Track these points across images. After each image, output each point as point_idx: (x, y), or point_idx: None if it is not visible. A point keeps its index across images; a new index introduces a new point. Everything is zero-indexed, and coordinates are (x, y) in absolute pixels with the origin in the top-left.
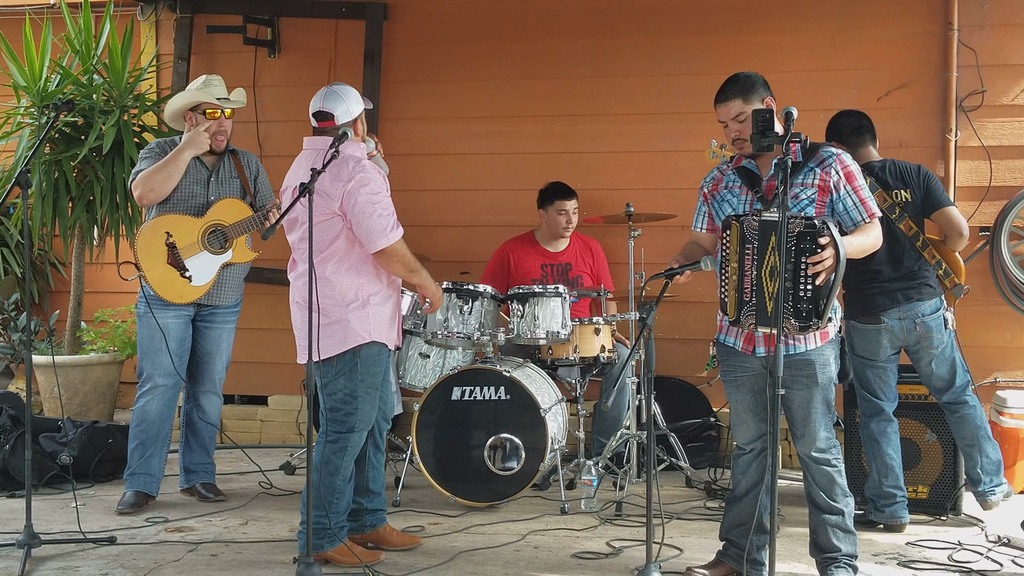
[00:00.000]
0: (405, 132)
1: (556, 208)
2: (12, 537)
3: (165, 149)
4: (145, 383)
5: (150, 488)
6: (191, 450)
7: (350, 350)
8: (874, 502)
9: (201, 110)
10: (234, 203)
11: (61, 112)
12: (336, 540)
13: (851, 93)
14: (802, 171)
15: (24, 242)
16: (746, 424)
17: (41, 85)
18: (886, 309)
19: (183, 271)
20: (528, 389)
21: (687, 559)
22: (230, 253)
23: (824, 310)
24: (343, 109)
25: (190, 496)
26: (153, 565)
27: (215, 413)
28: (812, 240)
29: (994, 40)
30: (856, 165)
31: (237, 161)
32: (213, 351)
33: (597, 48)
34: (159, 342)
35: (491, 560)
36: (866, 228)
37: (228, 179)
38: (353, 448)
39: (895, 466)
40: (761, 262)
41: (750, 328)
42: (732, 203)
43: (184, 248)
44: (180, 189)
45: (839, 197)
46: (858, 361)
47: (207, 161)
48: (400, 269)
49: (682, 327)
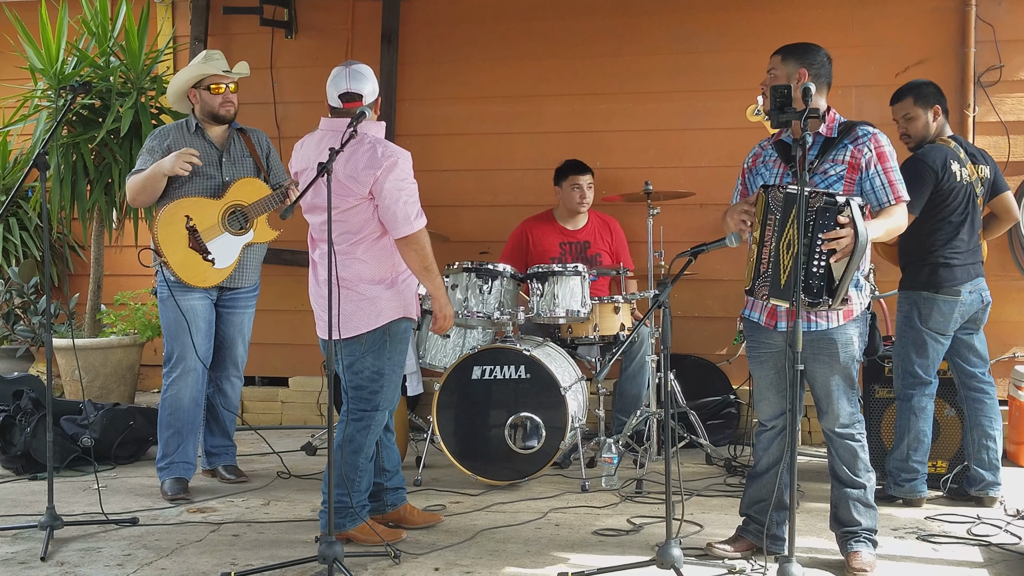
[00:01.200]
0: (424, 113)
1: (570, 183)
2: (35, 519)
3: (167, 140)
4: (176, 367)
5: (188, 474)
6: (211, 433)
7: (381, 327)
8: (894, 476)
9: (205, 86)
10: (251, 182)
11: (78, 94)
12: (358, 519)
13: (870, 70)
14: (836, 147)
15: (43, 225)
16: (768, 401)
17: (58, 68)
18: (963, 282)
19: (206, 254)
20: (548, 368)
21: (707, 535)
22: (252, 233)
23: (839, 289)
24: (370, 89)
25: (212, 478)
26: (175, 545)
27: (236, 397)
28: (831, 217)
29: (1012, 15)
30: (891, 147)
31: (247, 139)
32: (235, 336)
33: (618, 27)
34: (186, 325)
35: (512, 538)
36: (891, 210)
37: (240, 158)
38: (377, 427)
39: (926, 442)
40: (781, 234)
41: (763, 298)
42: (766, 176)
43: (205, 231)
44: (195, 172)
45: (867, 176)
46: (925, 334)
47: (216, 141)
48: (416, 261)
49: (701, 305)
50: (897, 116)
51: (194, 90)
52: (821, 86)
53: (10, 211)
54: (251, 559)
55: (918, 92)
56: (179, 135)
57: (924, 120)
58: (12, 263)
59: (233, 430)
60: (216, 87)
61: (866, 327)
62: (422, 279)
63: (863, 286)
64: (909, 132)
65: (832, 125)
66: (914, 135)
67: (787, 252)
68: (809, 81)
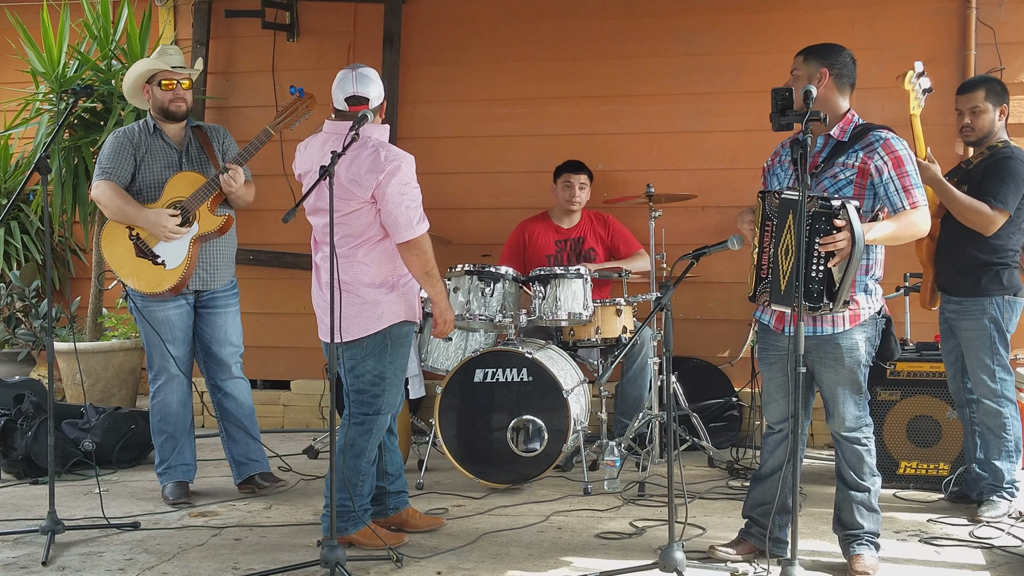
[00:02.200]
0: (426, 115)
1: (563, 181)
2: (36, 523)
3: (133, 139)
4: (159, 376)
5: (188, 476)
6: (235, 440)
7: (382, 331)
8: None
9: (156, 81)
10: (184, 176)
11: (80, 98)
12: (360, 523)
13: (871, 71)
14: (846, 151)
15: (44, 229)
16: (776, 403)
17: (59, 71)
18: None
19: (155, 259)
20: (550, 371)
21: (710, 537)
22: (196, 225)
23: (839, 293)
24: (376, 92)
25: (249, 491)
26: (177, 550)
27: (244, 396)
28: (827, 221)
29: (1012, 18)
30: (907, 151)
31: (203, 136)
32: (220, 338)
33: (620, 28)
34: (159, 336)
35: (515, 541)
36: (903, 215)
37: (198, 156)
38: (379, 431)
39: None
40: (779, 240)
41: (764, 304)
42: (780, 176)
43: (148, 236)
44: (151, 174)
45: (881, 181)
46: (1002, 340)
47: (174, 141)
48: (417, 266)
49: (703, 307)
50: (964, 107)
51: (147, 85)
52: (843, 87)
53: (11, 215)
54: (253, 563)
55: (990, 87)
56: (141, 136)
57: (991, 116)
58: (13, 267)
59: (257, 430)
60: (167, 83)
61: (875, 331)
62: (423, 284)
63: (872, 290)
64: (975, 126)
65: (847, 128)
66: (979, 130)
67: (786, 258)
68: (828, 82)
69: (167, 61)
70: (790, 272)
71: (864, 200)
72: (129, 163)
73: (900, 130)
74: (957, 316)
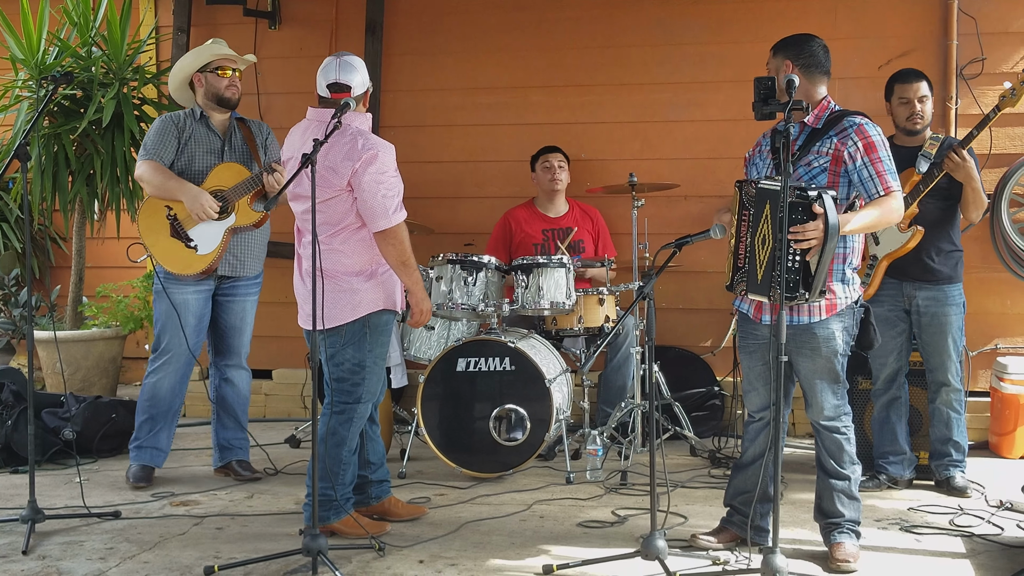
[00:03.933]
0: (408, 104)
1: (542, 164)
2: (16, 512)
3: (178, 123)
4: (161, 356)
5: (156, 462)
6: (224, 427)
7: (360, 319)
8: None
9: (212, 68)
10: (231, 167)
11: (59, 85)
12: (342, 512)
13: (853, 62)
14: (821, 139)
15: (24, 217)
16: (757, 392)
17: (39, 58)
18: None
19: (188, 241)
20: (533, 360)
21: (692, 526)
22: (233, 217)
23: (814, 282)
24: (359, 80)
25: (225, 476)
26: (158, 539)
27: (245, 386)
28: (804, 211)
29: (994, 8)
30: (881, 136)
31: (246, 129)
32: (239, 324)
33: (603, 18)
34: (177, 318)
35: (497, 530)
36: (879, 202)
37: (241, 147)
38: (359, 419)
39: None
40: (755, 230)
41: (741, 294)
42: (759, 166)
43: (186, 218)
44: (193, 160)
45: (855, 167)
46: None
47: (219, 129)
48: (393, 255)
49: (686, 297)
50: (911, 95)
51: (199, 74)
52: (814, 76)
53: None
54: (235, 552)
55: (926, 76)
56: (187, 121)
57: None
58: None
59: (246, 421)
60: (223, 71)
61: (853, 321)
62: (399, 273)
63: (850, 279)
64: (923, 113)
65: (821, 115)
66: (926, 117)
67: (763, 247)
68: (794, 73)
69: (225, 49)
70: (767, 262)
71: (840, 188)
72: (172, 145)
73: (879, 120)
74: (935, 303)
